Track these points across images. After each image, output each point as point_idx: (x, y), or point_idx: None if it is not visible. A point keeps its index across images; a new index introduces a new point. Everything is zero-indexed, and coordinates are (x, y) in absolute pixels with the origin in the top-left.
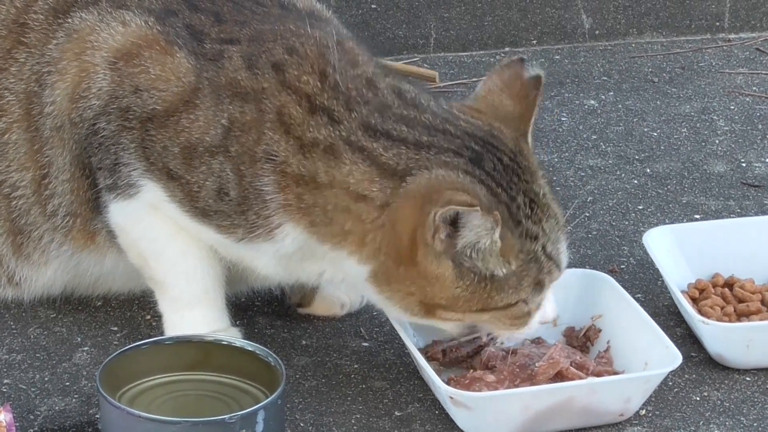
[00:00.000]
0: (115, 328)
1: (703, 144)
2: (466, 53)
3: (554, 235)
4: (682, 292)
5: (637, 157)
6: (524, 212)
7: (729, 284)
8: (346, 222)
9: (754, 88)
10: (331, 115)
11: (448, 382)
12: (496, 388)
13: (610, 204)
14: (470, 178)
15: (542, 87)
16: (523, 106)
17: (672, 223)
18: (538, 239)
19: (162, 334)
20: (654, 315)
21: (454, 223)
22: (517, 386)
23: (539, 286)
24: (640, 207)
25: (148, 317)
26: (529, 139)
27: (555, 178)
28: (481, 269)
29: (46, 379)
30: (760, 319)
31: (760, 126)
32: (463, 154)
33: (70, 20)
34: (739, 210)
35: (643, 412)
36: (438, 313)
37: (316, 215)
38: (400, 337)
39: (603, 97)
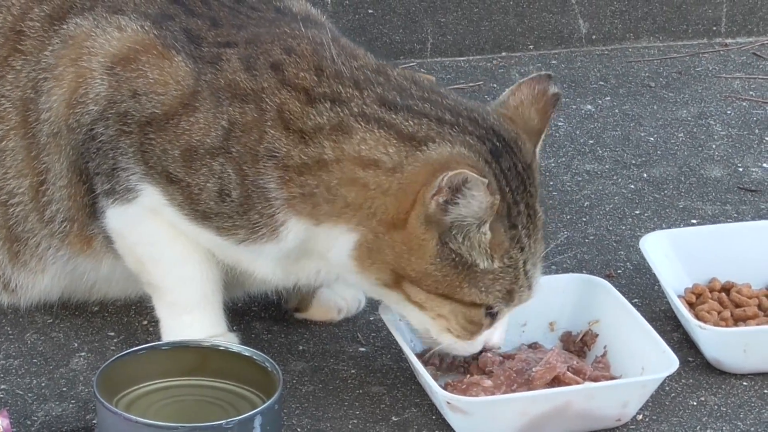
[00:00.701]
0: (112, 334)
1: (700, 149)
2: (462, 58)
3: (536, 259)
4: (679, 296)
5: (633, 161)
6: (521, 221)
7: (726, 289)
8: (350, 193)
9: (751, 92)
10: (337, 98)
11: (445, 387)
12: (493, 393)
13: (607, 209)
14: (488, 167)
15: (558, 104)
16: (542, 121)
17: (669, 227)
18: (524, 251)
19: (159, 339)
20: (651, 320)
21: (457, 191)
22: (514, 391)
23: (509, 297)
24: (637, 212)
25: (145, 322)
26: (537, 153)
27: (552, 183)
28: (465, 255)
29: (43, 384)
30: (757, 324)
31: (756, 130)
32: (485, 143)
33: (65, 26)
34: (735, 215)
35: (640, 417)
36: (404, 286)
37: (319, 196)
38: (397, 343)
39: (600, 101)
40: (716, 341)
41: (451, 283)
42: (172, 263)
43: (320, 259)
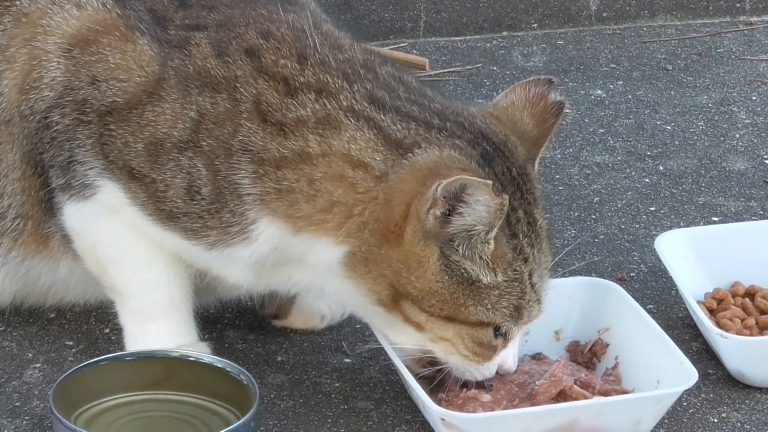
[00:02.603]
0: (71, 343)
1: (722, 138)
2: (459, 38)
3: (542, 270)
4: (698, 302)
5: (648, 153)
6: (522, 229)
7: (750, 294)
8: (336, 190)
9: None
10: (324, 88)
11: (439, 403)
12: (493, 409)
13: (619, 205)
14: (481, 170)
15: (562, 114)
16: (540, 131)
17: (687, 226)
18: (528, 262)
19: (122, 348)
20: (667, 328)
21: (456, 200)
22: (515, 407)
23: (518, 314)
24: (652, 208)
25: (107, 330)
26: (536, 166)
27: (558, 177)
28: (467, 269)
29: None
30: None
31: None
32: (476, 148)
33: (18, 3)
34: (761, 212)
35: None
36: (403, 306)
37: (300, 192)
38: (385, 353)
39: (611, 86)
40: (739, 352)
41: (456, 302)
42: (137, 266)
43: (298, 265)
